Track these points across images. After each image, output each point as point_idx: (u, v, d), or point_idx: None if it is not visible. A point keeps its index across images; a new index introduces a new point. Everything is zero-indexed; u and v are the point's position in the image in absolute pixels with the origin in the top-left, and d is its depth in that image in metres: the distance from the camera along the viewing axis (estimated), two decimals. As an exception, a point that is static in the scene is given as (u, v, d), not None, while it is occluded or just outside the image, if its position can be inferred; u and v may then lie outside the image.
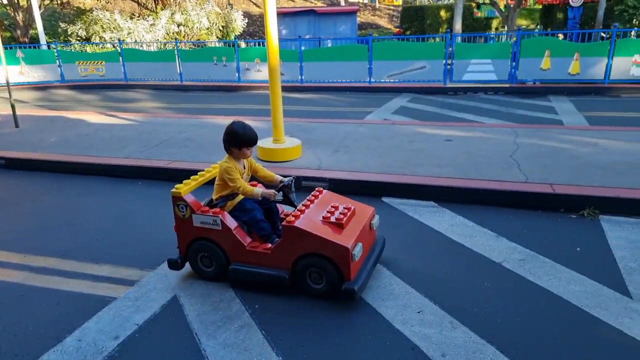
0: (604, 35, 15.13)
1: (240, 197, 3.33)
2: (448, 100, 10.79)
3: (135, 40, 18.74)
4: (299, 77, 13.54)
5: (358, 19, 27.22)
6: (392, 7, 37.53)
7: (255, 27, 31.00)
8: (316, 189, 3.52)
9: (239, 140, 3.21)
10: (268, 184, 3.45)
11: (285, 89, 12.75)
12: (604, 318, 2.75)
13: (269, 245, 3.12)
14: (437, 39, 14.59)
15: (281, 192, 3.25)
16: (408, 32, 26.91)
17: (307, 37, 22.47)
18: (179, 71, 14.65)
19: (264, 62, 13.41)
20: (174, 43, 14.92)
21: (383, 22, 34.86)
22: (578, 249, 3.61)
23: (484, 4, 27.44)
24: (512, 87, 11.63)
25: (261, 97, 12.15)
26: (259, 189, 3.22)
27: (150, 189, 5.36)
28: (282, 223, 2.99)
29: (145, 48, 17.16)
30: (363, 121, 8.30)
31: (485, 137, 6.51)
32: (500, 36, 18.38)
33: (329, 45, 19.72)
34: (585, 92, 11.02)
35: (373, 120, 8.66)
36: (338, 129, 7.36)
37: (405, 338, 2.65)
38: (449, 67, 12.28)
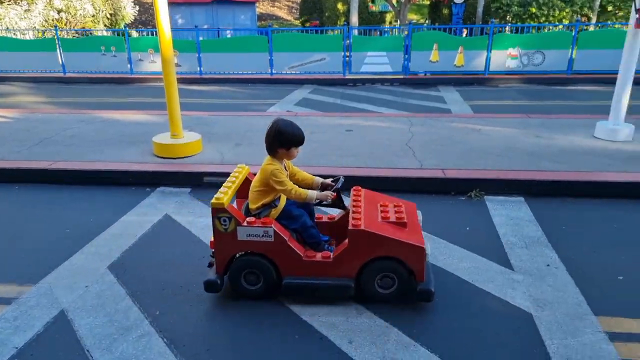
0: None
1: (284, 203, 3.02)
2: (348, 91, 11.09)
3: (7, 28, 16.66)
4: (198, 69, 13.02)
5: (257, 9, 26.87)
6: (291, -1, 37.57)
7: (148, 16, 29.23)
8: (354, 187, 3.24)
9: (288, 140, 2.90)
10: (307, 188, 3.09)
11: (183, 80, 12.22)
12: (491, 291, 3.00)
13: (328, 253, 2.86)
14: (336, 32, 14.89)
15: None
16: (307, 24, 27.16)
17: (205, 27, 21.70)
18: (61, 62, 13.31)
19: (159, 53, 12.69)
20: (53, 31, 13.51)
21: (283, 14, 34.81)
22: (467, 228, 3.91)
23: (378, -2, 28.55)
24: (405, 79, 12.27)
25: (157, 89, 11.48)
26: (313, 191, 2.95)
27: (28, 194, 4.80)
28: (351, 228, 2.74)
29: (19, 36, 15.33)
30: (265, 113, 8.21)
31: (383, 126, 6.79)
32: (394, 30, 19.29)
33: (229, 35, 19.24)
34: (469, 83, 11.98)
35: (276, 112, 8.61)
36: (240, 121, 7.20)
37: (313, 329, 2.67)
38: (347, 59, 12.61)
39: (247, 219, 2.84)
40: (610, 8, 18.92)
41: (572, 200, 4.44)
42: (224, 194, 2.86)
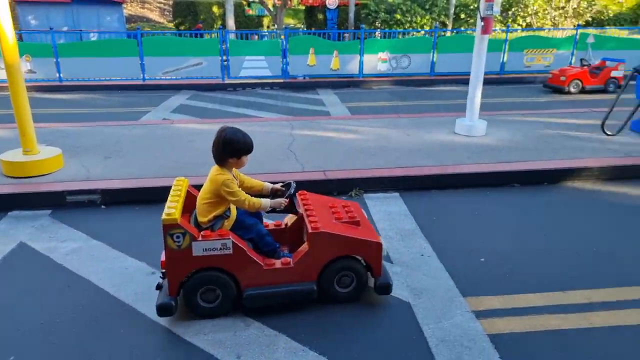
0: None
1: (235, 213, 2.92)
2: (228, 97, 10.88)
3: None
4: (57, 75, 11.76)
5: (125, 11, 25.15)
6: (162, 0, 35.85)
7: (-8, 15, 25.72)
8: (299, 192, 3.20)
9: (238, 148, 2.81)
10: (256, 194, 3.03)
11: (38, 89, 11.01)
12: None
13: (288, 259, 2.83)
14: (213, 35, 14.52)
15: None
16: (182, 27, 26.14)
17: (65, 29, 19.72)
18: None
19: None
20: None
21: (154, 16, 33.09)
22: (349, 226, 4.03)
23: (254, 2, 28.56)
24: (285, 82, 12.41)
25: (4, 99, 10.13)
26: (267, 200, 2.94)
27: None
28: (311, 231, 2.77)
29: None
30: (139, 122, 7.68)
31: (265, 130, 6.76)
32: (272, 34, 19.42)
33: (93, 38, 17.71)
34: (345, 85, 12.52)
35: (150, 120, 8.10)
36: (109, 132, 6.63)
37: (199, 350, 2.52)
38: (225, 63, 12.36)
39: (202, 232, 2.70)
40: (463, 16, 21.19)
41: (439, 192, 4.83)
42: (175, 208, 2.67)
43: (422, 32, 16.17)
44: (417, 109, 9.07)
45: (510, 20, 20.61)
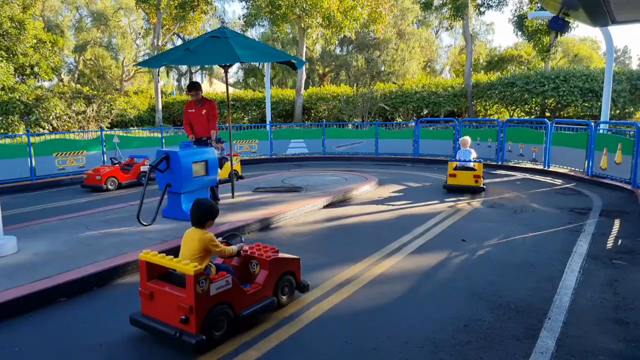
0: None
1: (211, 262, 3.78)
2: None
3: None
4: None
5: None
6: None
7: None
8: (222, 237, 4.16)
9: (215, 211, 3.79)
10: None
11: None
12: None
13: (256, 283, 3.86)
14: None
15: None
16: None
17: None
18: None
19: None
20: None
21: None
22: None
23: None
24: None
25: None
26: (234, 247, 3.92)
27: None
28: (267, 259, 3.95)
29: None
30: None
31: None
32: None
33: None
34: None
35: None
36: None
37: None
38: None
39: (211, 276, 3.46)
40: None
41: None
42: (192, 263, 3.41)
43: None
44: None
45: (32, 124, 19.62)
